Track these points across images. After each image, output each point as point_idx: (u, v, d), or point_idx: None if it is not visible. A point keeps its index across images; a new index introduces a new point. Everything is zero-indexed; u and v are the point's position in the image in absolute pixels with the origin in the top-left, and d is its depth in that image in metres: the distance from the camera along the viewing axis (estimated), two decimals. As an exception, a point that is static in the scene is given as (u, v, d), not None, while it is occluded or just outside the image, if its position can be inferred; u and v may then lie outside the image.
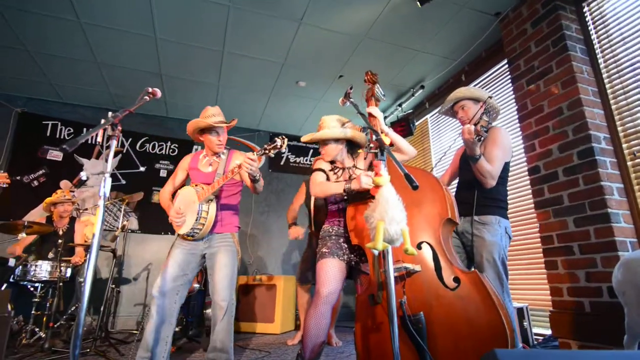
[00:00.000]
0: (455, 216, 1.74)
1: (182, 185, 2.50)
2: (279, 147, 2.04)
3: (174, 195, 2.45)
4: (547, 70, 2.83)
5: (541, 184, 2.77)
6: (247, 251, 5.24)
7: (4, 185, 2.64)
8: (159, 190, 4.92)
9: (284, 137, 2.06)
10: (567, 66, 2.68)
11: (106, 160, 1.38)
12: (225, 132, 2.44)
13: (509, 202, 2.22)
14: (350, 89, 1.96)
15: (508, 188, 2.23)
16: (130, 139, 4.95)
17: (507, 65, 3.34)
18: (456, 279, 1.55)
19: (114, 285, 3.35)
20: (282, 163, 5.75)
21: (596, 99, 2.64)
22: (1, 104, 4.53)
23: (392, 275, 1.33)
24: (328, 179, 2.10)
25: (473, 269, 1.85)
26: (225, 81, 4.35)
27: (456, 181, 2.43)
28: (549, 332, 2.75)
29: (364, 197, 1.87)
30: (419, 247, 1.68)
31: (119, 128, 1.43)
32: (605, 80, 2.67)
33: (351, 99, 1.94)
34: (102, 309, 3.14)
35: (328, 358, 2.83)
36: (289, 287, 4.38)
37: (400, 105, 4.80)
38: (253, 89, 4.53)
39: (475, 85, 3.95)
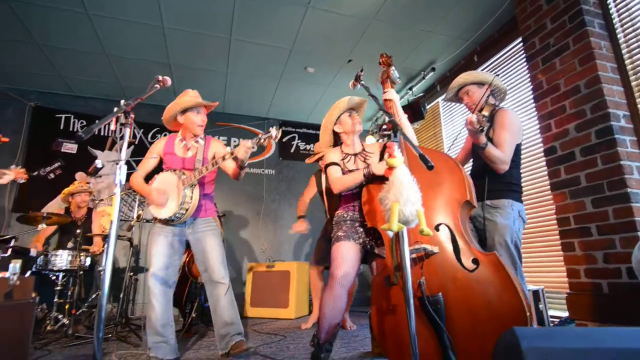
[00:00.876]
0: (473, 199, 1.72)
1: (153, 169, 2.45)
2: (273, 137, 2.06)
3: (146, 180, 2.40)
4: (563, 47, 2.74)
5: (557, 164, 2.70)
6: (260, 239, 5.29)
7: (22, 181, 2.69)
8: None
9: (278, 127, 2.09)
10: (585, 42, 2.59)
11: (120, 148, 1.39)
12: (205, 114, 2.44)
13: (523, 184, 2.18)
14: (361, 71, 1.93)
15: (522, 170, 2.19)
16: (142, 130, 5.00)
17: (520, 44, 3.24)
18: (475, 261, 1.54)
19: (132, 274, 3.43)
20: (292, 151, 5.75)
21: (615, 75, 2.55)
22: (15, 99, 4.60)
23: (407, 256, 1.32)
24: (343, 169, 2.09)
25: (491, 251, 1.84)
26: (233, 69, 4.34)
27: (470, 164, 2.40)
28: (565, 314, 2.73)
29: (377, 180, 1.87)
30: (436, 229, 1.67)
31: (132, 116, 1.44)
32: (625, 56, 2.57)
33: (362, 82, 1.91)
34: (121, 296, 3.22)
35: (342, 341, 2.86)
36: (302, 273, 4.43)
37: (410, 88, 4.72)
38: (261, 76, 4.50)
39: (487, 66, 3.86)
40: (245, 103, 5.24)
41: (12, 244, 3.04)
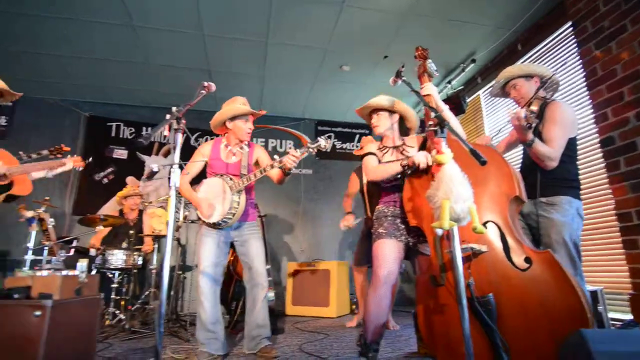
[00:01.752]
0: (522, 194, 1.65)
1: (199, 174, 2.55)
2: (322, 147, 2.20)
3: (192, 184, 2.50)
4: (619, 30, 2.55)
5: (616, 156, 2.52)
6: (299, 239, 5.35)
7: (80, 169, 2.85)
8: (213, 182, 5.17)
9: (329, 137, 2.22)
10: (645, 23, 2.39)
11: (167, 153, 1.46)
12: (252, 122, 2.53)
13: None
14: (402, 67, 1.90)
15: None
16: (185, 135, 5.22)
17: (570, 29, 3.05)
18: (527, 259, 1.47)
19: (180, 272, 3.59)
20: (328, 150, 5.76)
21: (682, 57, 2.34)
22: (71, 110, 4.97)
23: (459, 255, 1.29)
24: (380, 161, 2.08)
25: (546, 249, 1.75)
26: (269, 71, 4.42)
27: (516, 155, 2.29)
28: (627, 317, 2.54)
29: (420, 177, 1.83)
30: (484, 226, 1.61)
31: (183, 121, 1.51)
32: (693, 35, 2.35)
33: (403, 77, 1.88)
34: (171, 294, 3.39)
35: (386, 341, 2.83)
36: (342, 272, 4.44)
37: (449, 82, 4.58)
38: (297, 77, 4.56)
39: (533, 55, 3.66)
40: (281, 104, 5.32)
41: (74, 244, 3.28)
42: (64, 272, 1.58)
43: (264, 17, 3.45)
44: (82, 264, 1.81)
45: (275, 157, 2.31)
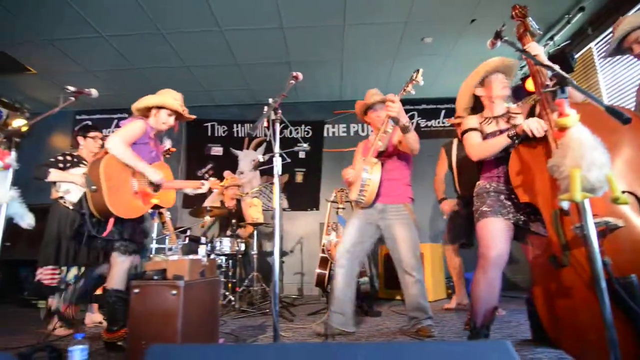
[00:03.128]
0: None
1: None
2: (414, 79, 2.14)
3: None
4: None
5: None
6: (387, 221, 5.28)
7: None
8: (302, 171, 5.37)
9: (417, 70, 2.17)
10: None
11: (257, 146, 1.52)
12: (381, 113, 2.54)
13: None
14: (503, 26, 1.70)
15: None
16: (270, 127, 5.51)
17: None
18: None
19: (280, 257, 3.82)
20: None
21: None
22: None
23: (593, 231, 1.12)
24: (482, 134, 1.90)
25: None
26: (347, 55, 4.38)
27: None
28: None
29: (532, 147, 1.64)
30: (619, 197, 1.39)
31: (279, 112, 1.56)
32: None
33: (505, 38, 1.68)
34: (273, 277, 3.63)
35: (494, 327, 2.64)
36: (436, 255, 4.27)
37: (551, 38, 4.01)
38: (376, 56, 4.43)
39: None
40: (361, 87, 5.24)
41: (188, 233, 3.70)
42: (190, 257, 1.80)
43: (340, 0, 3.40)
44: (202, 249, 2.04)
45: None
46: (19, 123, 4.56)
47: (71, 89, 1.95)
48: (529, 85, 4.10)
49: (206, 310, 1.78)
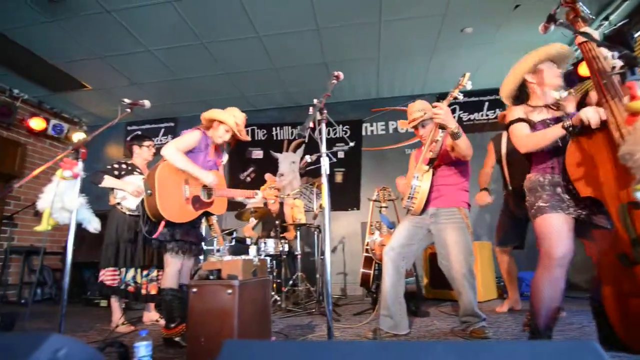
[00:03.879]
0: None
1: None
2: (461, 84, 2.04)
3: None
4: None
5: None
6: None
7: (272, 201, 3.21)
8: (341, 171, 5.37)
9: (464, 73, 2.08)
10: None
11: (296, 148, 1.53)
12: (430, 125, 2.44)
13: None
14: (557, 8, 1.59)
15: None
16: (308, 129, 5.56)
17: None
18: None
19: (322, 257, 3.84)
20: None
21: None
22: (216, 121, 5.78)
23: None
24: (530, 124, 1.79)
25: None
26: (384, 52, 4.32)
27: None
28: None
29: (592, 136, 1.53)
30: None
31: (325, 112, 1.57)
32: None
33: (560, 21, 1.57)
34: (317, 277, 3.66)
35: (555, 329, 2.50)
36: (484, 253, 4.09)
37: (606, 18, 3.72)
38: (414, 51, 4.34)
39: None
40: (398, 84, 5.17)
41: (234, 235, 3.82)
42: (243, 257, 1.85)
43: (376, -4, 3.37)
44: (253, 250, 2.10)
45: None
46: (79, 136, 4.97)
47: (127, 101, 2.08)
48: (583, 70, 3.83)
49: (259, 309, 1.82)
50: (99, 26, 3.65)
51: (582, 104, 1.72)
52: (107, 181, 2.88)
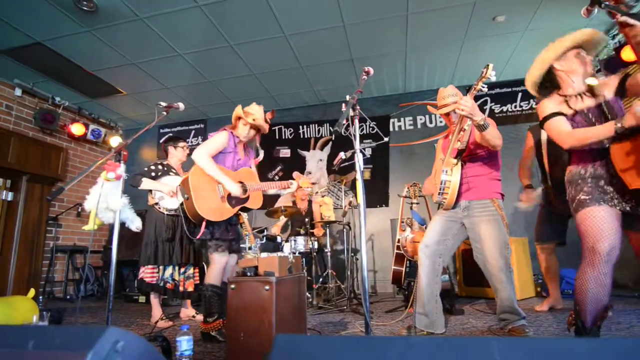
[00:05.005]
0: None
1: None
2: (484, 75, 1.93)
3: None
4: None
5: None
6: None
7: (308, 189, 3.25)
8: (368, 168, 5.33)
9: (487, 65, 1.96)
10: None
11: (353, 139, 1.52)
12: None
13: None
14: (601, -10, 1.50)
15: None
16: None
17: None
18: None
19: (352, 254, 3.83)
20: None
21: None
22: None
23: None
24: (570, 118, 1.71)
25: None
26: (412, 45, 4.24)
27: None
28: None
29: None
30: None
31: (358, 107, 1.56)
32: None
33: (605, 2, 1.49)
34: (347, 274, 3.65)
35: (602, 329, 2.38)
36: (520, 250, 3.95)
37: (650, 0, 3.49)
38: (442, 42, 4.23)
39: None
40: (426, 78, 5.06)
41: (265, 233, 3.87)
42: (278, 254, 1.88)
43: (403, -12, 3.31)
44: (287, 247, 2.13)
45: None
46: (115, 140, 5.19)
47: (163, 104, 2.16)
48: (626, 55, 3.63)
49: (295, 305, 1.84)
50: (132, 33, 3.79)
51: (622, 87, 1.63)
52: (145, 183, 2.99)
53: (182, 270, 3.18)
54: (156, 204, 3.07)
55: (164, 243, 3.03)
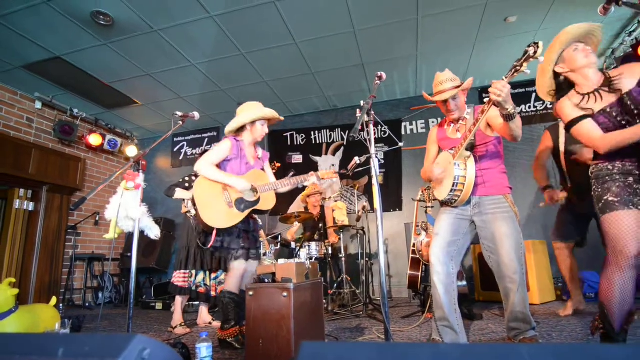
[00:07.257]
0: None
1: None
2: (532, 56, 1.59)
3: None
4: None
5: None
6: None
7: (334, 180, 3.23)
8: (381, 172, 5.31)
9: (535, 42, 1.61)
10: None
11: (368, 144, 1.52)
12: (461, 95, 2.19)
13: None
14: (618, -12, 1.48)
15: None
16: (347, 131, 5.55)
17: None
18: None
19: (367, 259, 3.81)
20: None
21: None
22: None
23: None
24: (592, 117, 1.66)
25: None
26: (423, 48, 4.23)
27: None
28: None
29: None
30: None
31: (372, 112, 1.56)
32: None
33: (623, 0, 1.46)
34: (362, 279, 3.63)
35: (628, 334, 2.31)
36: (540, 252, 3.87)
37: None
38: (453, 45, 4.21)
39: None
40: (437, 80, 5.03)
41: (279, 239, 3.88)
42: (295, 260, 1.89)
43: (412, -8, 3.32)
44: (304, 253, 2.13)
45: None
46: (132, 150, 5.28)
47: (179, 114, 2.20)
48: (644, 51, 3.55)
49: (313, 311, 1.84)
50: (147, 45, 3.88)
51: None
52: (178, 193, 3.15)
53: (214, 275, 3.29)
54: (188, 212, 3.15)
55: (195, 249, 3.17)
